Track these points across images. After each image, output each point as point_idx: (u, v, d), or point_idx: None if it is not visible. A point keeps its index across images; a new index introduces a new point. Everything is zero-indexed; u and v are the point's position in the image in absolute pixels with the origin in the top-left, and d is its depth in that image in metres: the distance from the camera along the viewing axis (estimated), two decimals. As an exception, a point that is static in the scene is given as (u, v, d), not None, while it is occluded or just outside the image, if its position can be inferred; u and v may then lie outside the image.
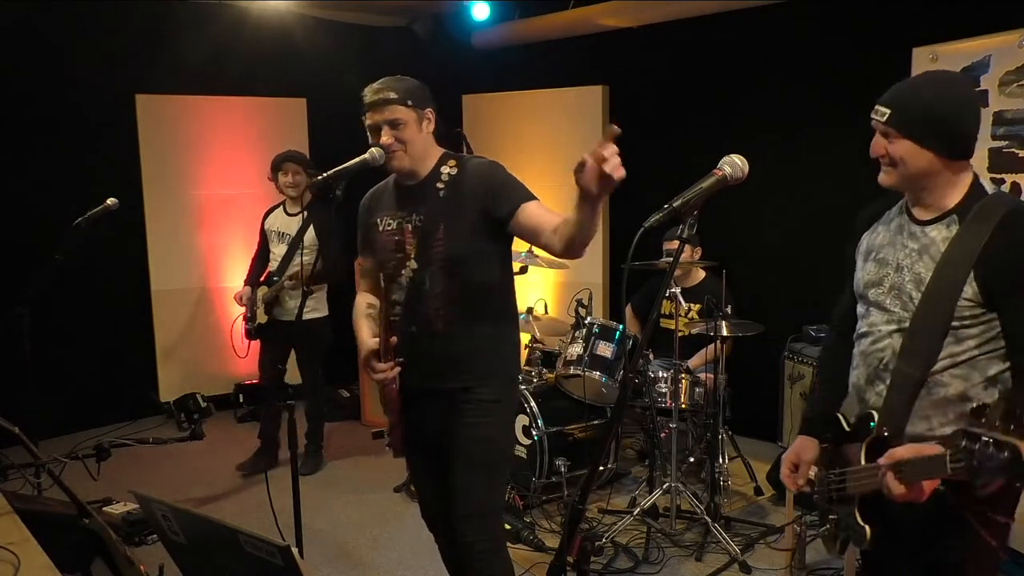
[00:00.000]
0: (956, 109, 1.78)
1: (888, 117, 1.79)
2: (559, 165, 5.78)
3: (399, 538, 3.79)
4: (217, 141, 5.60)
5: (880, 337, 1.89)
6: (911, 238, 1.87)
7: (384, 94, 2.32)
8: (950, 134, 1.77)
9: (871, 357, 1.91)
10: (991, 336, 1.76)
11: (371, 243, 2.50)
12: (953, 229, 1.79)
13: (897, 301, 1.86)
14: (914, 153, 1.78)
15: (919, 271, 1.82)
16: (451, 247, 2.33)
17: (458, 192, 2.35)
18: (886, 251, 1.92)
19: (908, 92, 1.82)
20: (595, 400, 4.13)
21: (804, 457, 2.08)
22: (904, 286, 1.85)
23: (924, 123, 1.76)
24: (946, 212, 1.82)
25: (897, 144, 1.79)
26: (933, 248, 1.81)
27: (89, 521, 2.10)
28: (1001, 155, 3.19)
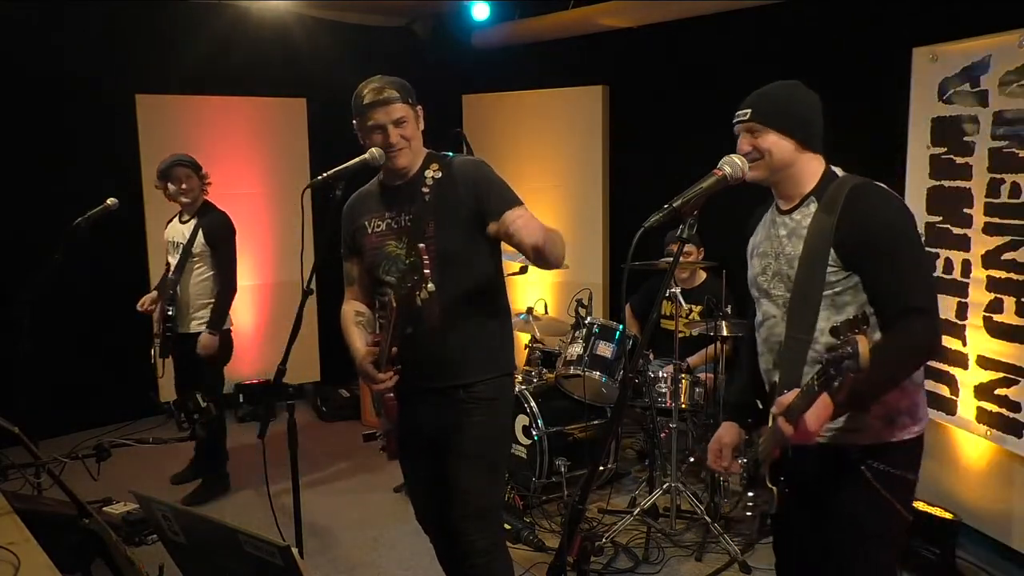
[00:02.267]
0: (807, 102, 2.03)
1: (751, 115, 1.99)
2: (559, 165, 5.81)
3: (399, 538, 3.80)
4: (217, 141, 5.59)
5: (775, 323, 2.06)
6: (780, 227, 2.06)
7: (387, 93, 2.31)
8: (804, 123, 1.99)
9: (771, 342, 2.08)
10: (864, 302, 1.92)
11: (360, 246, 2.49)
12: (812, 208, 1.98)
13: (781, 284, 2.04)
14: (777, 142, 1.96)
15: (790, 251, 2.01)
16: (442, 243, 2.33)
17: (444, 193, 2.35)
18: (764, 245, 2.12)
19: (764, 94, 2.05)
20: (595, 400, 4.13)
21: (724, 440, 2.25)
22: (782, 269, 2.03)
23: (783, 115, 1.98)
24: (805, 196, 2.01)
25: (762, 136, 1.96)
26: (800, 229, 1.99)
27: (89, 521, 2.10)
28: (1001, 155, 3.19)
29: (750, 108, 2.00)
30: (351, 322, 2.51)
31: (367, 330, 2.48)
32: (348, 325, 2.51)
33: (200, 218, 4.22)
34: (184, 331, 4.23)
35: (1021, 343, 3.14)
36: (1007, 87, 3.17)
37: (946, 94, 3.44)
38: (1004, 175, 3.19)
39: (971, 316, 3.34)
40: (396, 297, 2.22)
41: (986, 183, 3.25)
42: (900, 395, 1.92)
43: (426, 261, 2.25)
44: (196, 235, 4.18)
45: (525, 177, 5.55)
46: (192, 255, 4.18)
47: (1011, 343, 3.18)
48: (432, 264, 2.25)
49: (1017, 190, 3.13)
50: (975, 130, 3.30)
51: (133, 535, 3.65)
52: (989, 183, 3.24)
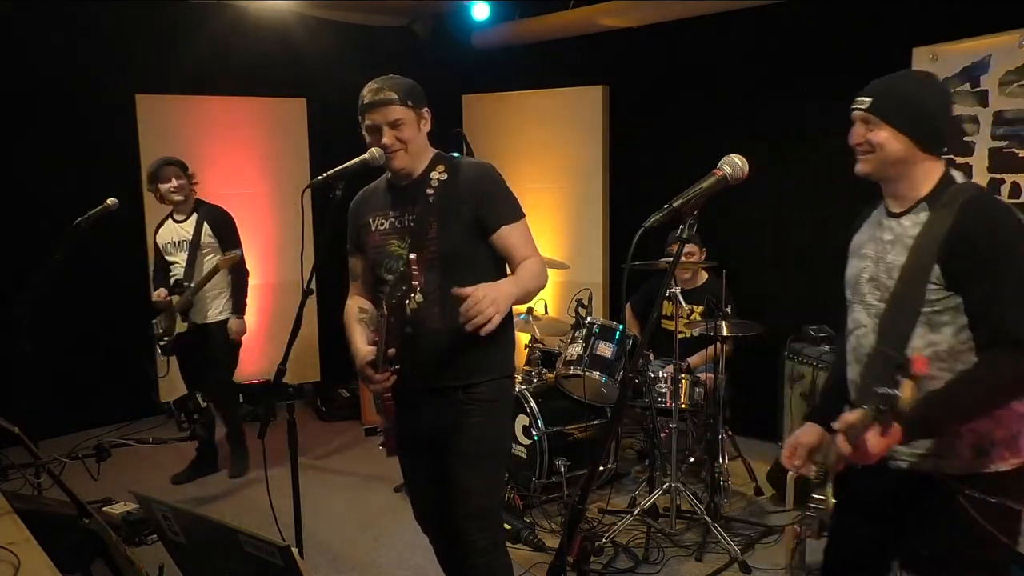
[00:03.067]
0: (933, 102, 1.87)
1: (869, 105, 1.87)
2: (559, 165, 5.81)
3: (399, 538, 3.79)
4: (217, 141, 5.60)
5: (865, 332, 1.95)
6: (886, 230, 1.94)
7: (385, 94, 2.31)
8: (927, 124, 1.85)
9: (859, 352, 1.97)
10: (964, 324, 1.80)
11: (363, 243, 2.49)
12: (923, 216, 1.86)
13: (876, 292, 1.92)
14: (892, 139, 1.84)
15: (891, 260, 1.89)
16: (444, 245, 2.33)
17: (448, 196, 2.35)
18: (866, 247, 2.00)
19: (889, 83, 1.91)
20: (595, 400, 4.13)
21: (801, 439, 2.13)
22: (879, 276, 1.92)
23: (903, 110, 1.84)
24: (917, 202, 1.88)
25: (877, 131, 1.86)
26: (905, 237, 1.87)
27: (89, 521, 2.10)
28: (1001, 155, 3.19)
29: (871, 97, 1.88)
30: (354, 319, 2.51)
31: (369, 327, 2.48)
32: (351, 322, 2.51)
33: (199, 213, 4.36)
34: (201, 322, 4.37)
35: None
36: (1007, 87, 3.17)
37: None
38: (1004, 175, 3.19)
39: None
40: (387, 305, 2.24)
41: (986, 183, 3.26)
42: (994, 425, 1.80)
43: (415, 272, 2.26)
44: (201, 229, 4.32)
45: (525, 177, 5.55)
46: (201, 249, 4.31)
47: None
48: (422, 274, 2.27)
49: (1017, 190, 3.14)
50: (975, 130, 3.30)
51: (133, 535, 3.64)
52: (989, 183, 3.25)
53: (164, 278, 4.46)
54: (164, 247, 4.44)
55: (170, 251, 4.42)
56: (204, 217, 4.36)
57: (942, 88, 1.96)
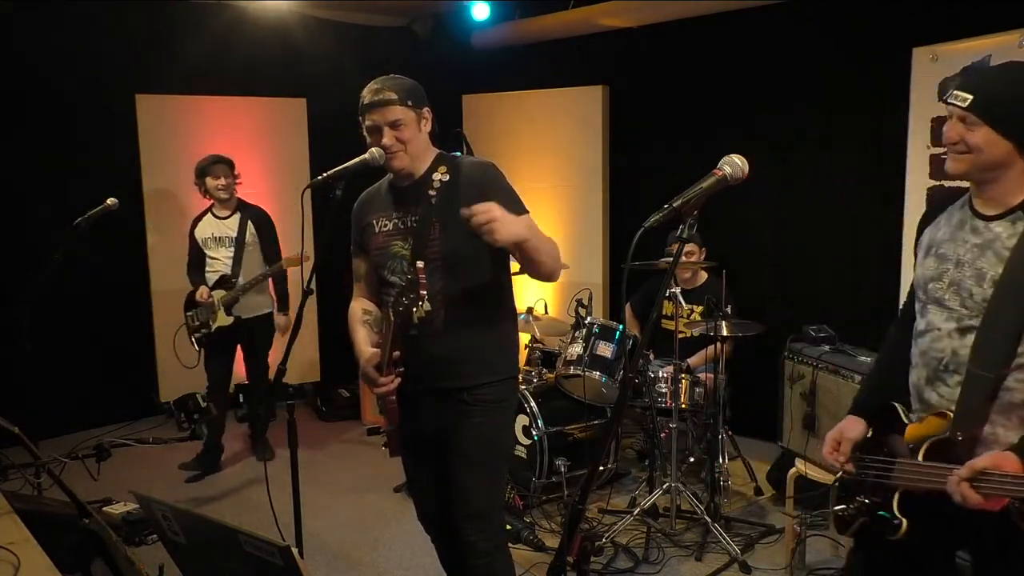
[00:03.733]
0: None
1: (970, 103, 1.75)
2: (559, 165, 5.81)
3: (399, 538, 3.80)
4: (217, 141, 5.58)
5: (939, 336, 1.86)
6: (973, 233, 1.83)
7: (384, 95, 2.31)
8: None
9: (929, 356, 1.88)
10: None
11: (367, 245, 2.49)
12: (1020, 226, 1.75)
13: (956, 297, 1.82)
14: (993, 142, 1.74)
15: (981, 266, 1.78)
16: (447, 246, 2.33)
17: (450, 197, 2.35)
18: (946, 246, 1.88)
19: (992, 79, 1.79)
20: (595, 400, 4.13)
21: (847, 435, 2.04)
22: (964, 282, 1.81)
23: (1008, 111, 1.73)
24: (1012, 208, 1.77)
25: (976, 131, 1.75)
26: (997, 243, 1.77)
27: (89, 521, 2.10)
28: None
29: (971, 94, 1.76)
30: (358, 321, 2.50)
31: (373, 329, 2.48)
32: (354, 324, 2.50)
33: (243, 212, 4.58)
34: (247, 316, 4.56)
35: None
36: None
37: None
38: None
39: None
40: (394, 312, 2.22)
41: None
42: None
43: (423, 281, 2.26)
44: (246, 227, 4.54)
45: (525, 177, 5.54)
46: (246, 247, 4.53)
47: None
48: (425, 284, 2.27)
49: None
50: (975, 130, 3.30)
51: (133, 535, 3.65)
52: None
53: (200, 272, 4.60)
54: (204, 241, 4.57)
55: (210, 245, 4.56)
56: (249, 216, 4.56)
57: None
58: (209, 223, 4.59)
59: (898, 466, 1.88)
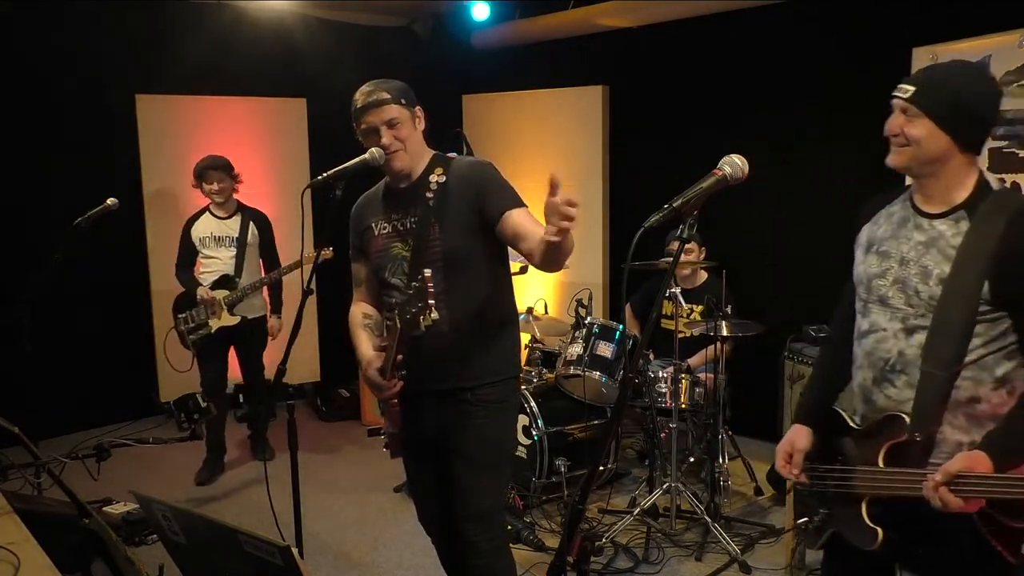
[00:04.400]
0: (982, 99, 1.76)
1: (912, 94, 1.75)
2: (559, 165, 5.80)
3: (399, 538, 3.80)
4: (217, 141, 5.58)
5: (884, 337, 1.84)
6: (917, 230, 1.82)
7: (378, 95, 2.31)
8: (971, 122, 1.75)
9: (875, 357, 1.87)
10: (995, 335, 1.73)
11: (366, 248, 2.49)
12: (963, 225, 1.75)
13: (902, 295, 1.81)
14: (932, 135, 1.73)
15: (927, 264, 1.77)
16: (447, 245, 2.33)
17: (448, 197, 2.35)
18: (889, 244, 1.87)
19: (935, 73, 1.80)
20: (595, 400, 4.13)
21: (798, 446, 2.04)
22: (910, 280, 1.80)
23: (948, 105, 1.72)
24: (955, 207, 1.77)
25: (916, 123, 1.74)
26: (942, 241, 1.76)
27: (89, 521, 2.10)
28: (1001, 155, 3.19)
29: (914, 86, 1.76)
30: (359, 325, 2.50)
31: (375, 333, 2.48)
32: (355, 328, 2.50)
33: (243, 214, 4.58)
34: (250, 316, 4.56)
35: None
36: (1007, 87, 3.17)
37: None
38: (1004, 175, 3.19)
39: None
40: (400, 320, 2.20)
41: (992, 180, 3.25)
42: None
43: (431, 290, 2.25)
44: (247, 229, 4.54)
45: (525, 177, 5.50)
46: (248, 247, 4.54)
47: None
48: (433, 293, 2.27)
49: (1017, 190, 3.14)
50: (975, 130, 3.30)
51: (133, 535, 3.65)
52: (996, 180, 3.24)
53: (191, 273, 4.57)
54: (202, 240, 4.53)
55: (208, 245, 4.52)
56: (250, 218, 4.57)
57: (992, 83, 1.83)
58: (208, 223, 4.55)
59: (859, 474, 1.85)
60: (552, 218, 1.87)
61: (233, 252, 4.52)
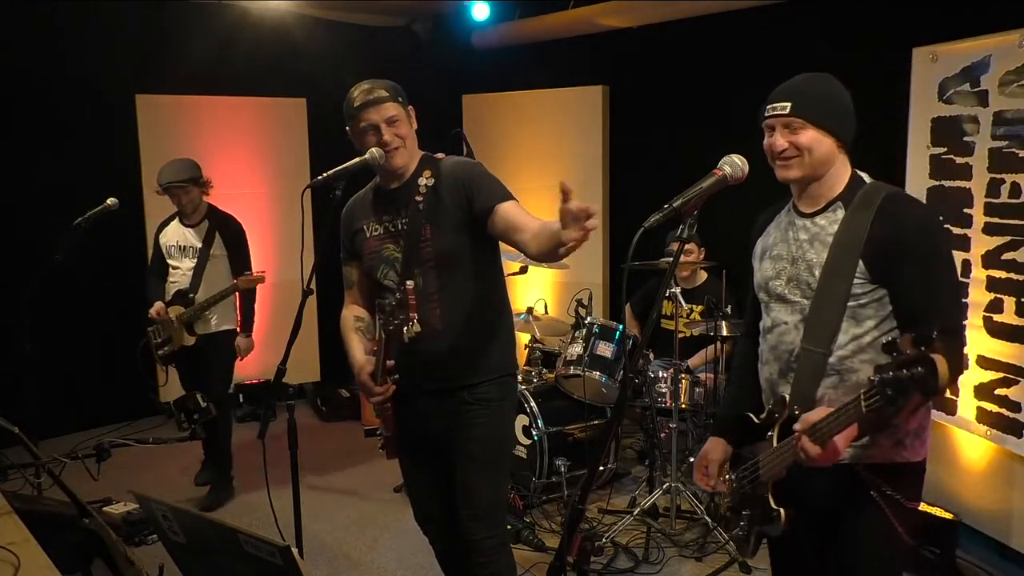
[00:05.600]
0: (844, 100, 1.92)
1: (792, 108, 1.87)
2: (559, 165, 5.80)
3: (399, 538, 3.80)
4: (217, 141, 5.60)
5: (786, 330, 1.93)
6: (801, 230, 1.94)
7: (377, 93, 2.31)
8: (845, 122, 1.89)
9: (780, 350, 1.95)
10: (886, 315, 1.82)
11: (359, 250, 2.49)
12: (839, 214, 1.86)
13: (797, 290, 1.91)
14: (818, 139, 1.85)
15: (811, 258, 1.89)
16: (439, 245, 2.33)
17: (438, 199, 2.35)
18: (779, 247, 1.99)
19: (801, 86, 1.93)
20: (595, 400, 4.13)
21: (711, 456, 2.11)
22: (801, 275, 1.90)
23: (826, 110, 1.87)
24: (831, 201, 1.89)
25: (803, 133, 1.85)
26: (823, 234, 1.87)
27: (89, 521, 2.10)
28: (1001, 155, 3.19)
29: (790, 101, 1.89)
30: (350, 329, 2.50)
31: (366, 336, 2.48)
32: (347, 332, 2.51)
33: (211, 222, 4.18)
34: (204, 332, 4.17)
35: (1021, 343, 3.14)
36: (1007, 87, 3.17)
37: (946, 94, 3.44)
38: (1004, 175, 3.19)
39: (971, 316, 3.34)
40: (384, 331, 2.21)
41: (986, 183, 3.25)
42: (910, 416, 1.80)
43: (412, 302, 2.26)
44: (213, 238, 4.15)
45: (525, 177, 5.54)
46: (210, 259, 4.15)
47: (1011, 343, 3.18)
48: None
49: (1017, 190, 3.13)
50: (975, 130, 3.30)
51: (133, 535, 3.65)
52: (989, 183, 3.24)
53: (159, 283, 4.26)
54: (167, 248, 4.23)
55: (173, 254, 4.22)
56: (217, 227, 4.17)
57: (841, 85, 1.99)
58: (174, 230, 4.23)
59: (761, 462, 1.93)
60: (571, 225, 1.86)
61: (193, 264, 4.15)
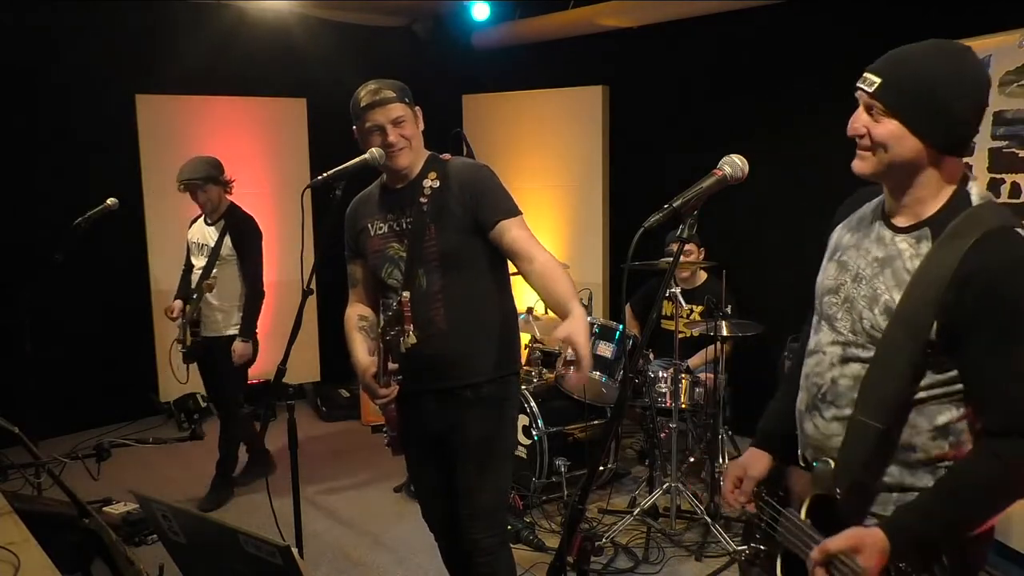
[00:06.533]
0: (962, 90, 1.43)
1: (878, 87, 1.47)
2: (559, 165, 5.81)
3: (399, 538, 3.79)
4: (217, 141, 5.58)
5: (822, 360, 1.64)
6: (878, 243, 1.57)
7: (384, 94, 2.31)
8: (950, 122, 1.44)
9: (811, 381, 1.66)
10: (942, 379, 1.46)
11: (363, 248, 2.49)
12: (924, 246, 1.48)
13: (847, 317, 1.58)
14: (901, 137, 1.45)
15: (877, 287, 1.52)
16: (443, 245, 2.33)
17: (442, 201, 2.35)
18: (850, 253, 1.63)
19: (907, 61, 1.48)
20: (595, 400, 4.13)
21: (751, 472, 1.80)
22: (857, 301, 1.56)
23: (921, 102, 1.43)
24: (920, 222, 1.50)
25: (883, 124, 1.47)
26: (898, 262, 1.51)
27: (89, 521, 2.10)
28: (1001, 155, 3.19)
29: (880, 78, 1.46)
30: (354, 328, 2.50)
31: (370, 335, 2.48)
32: (351, 331, 2.50)
33: (227, 221, 4.15)
34: (210, 334, 4.14)
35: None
36: (1007, 87, 3.17)
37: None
38: (1004, 175, 3.19)
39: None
40: (381, 341, 2.20)
41: (986, 183, 3.25)
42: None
43: (408, 314, 2.27)
44: (224, 238, 4.11)
45: (525, 177, 5.55)
46: (220, 258, 4.11)
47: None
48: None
49: (1017, 190, 3.14)
50: (975, 130, 3.30)
51: (133, 535, 3.65)
52: (989, 183, 3.24)
53: (185, 279, 4.31)
54: (191, 247, 4.28)
55: (194, 252, 4.25)
56: (229, 227, 4.12)
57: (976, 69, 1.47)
58: (198, 228, 4.25)
59: (783, 520, 1.65)
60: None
61: (204, 263, 4.13)
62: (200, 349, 4.19)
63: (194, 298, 4.11)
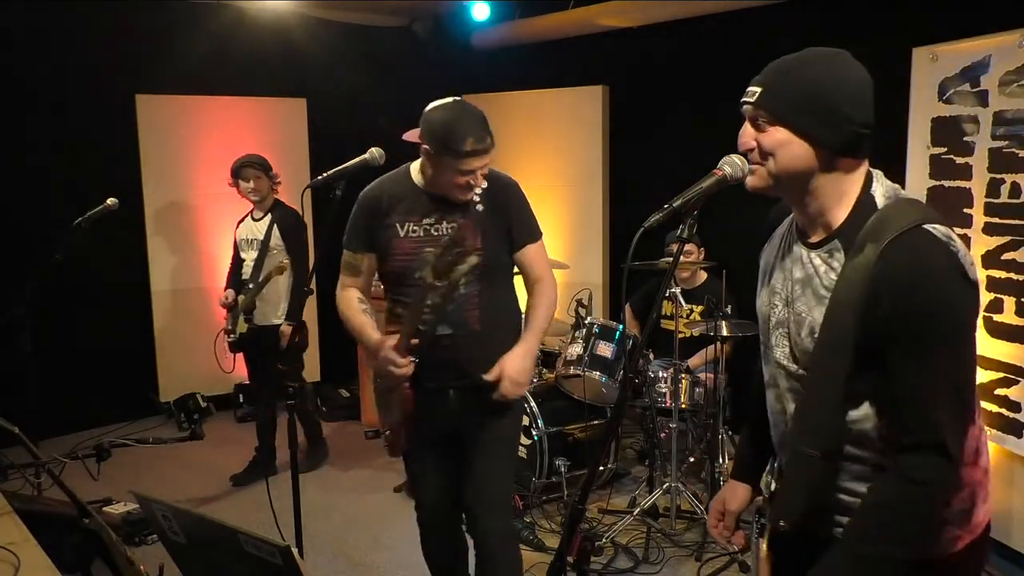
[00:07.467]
0: (846, 88, 1.39)
1: (759, 96, 1.42)
2: (559, 165, 5.81)
3: (399, 538, 3.79)
4: (217, 141, 5.59)
5: (780, 394, 1.57)
6: (797, 263, 1.50)
7: (487, 142, 2.29)
8: (836, 118, 1.37)
9: (776, 419, 1.60)
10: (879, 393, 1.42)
11: (386, 246, 2.44)
12: (838, 259, 1.41)
13: (785, 344, 1.52)
14: (788, 143, 1.39)
15: (800, 310, 1.46)
16: (488, 254, 2.37)
17: (492, 205, 2.42)
18: (776, 276, 1.59)
19: (787, 67, 1.43)
20: (595, 400, 4.13)
21: (730, 506, 1.77)
22: (789, 325, 1.50)
23: (803, 103, 1.38)
24: (830, 235, 1.43)
25: (769, 133, 1.41)
26: (815, 281, 1.44)
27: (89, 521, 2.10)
28: (1001, 155, 3.19)
29: (760, 86, 1.43)
30: (357, 310, 2.48)
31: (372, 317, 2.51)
32: (354, 312, 2.48)
33: (272, 215, 4.39)
34: (264, 323, 4.37)
35: (1021, 343, 3.14)
36: (1007, 87, 3.17)
37: (946, 94, 3.44)
38: (1004, 175, 3.19)
39: (971, 316, 3.32)
40: (432, 272, 2.10)
41: (986, 183, 3.25)
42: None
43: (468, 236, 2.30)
44: (272, 230, 4.35)
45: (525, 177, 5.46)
46: (270, 251, 4.34)
47: (1011, 343, 3.18)
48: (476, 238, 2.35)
49: (1017, 190, 3.13)
50: (975, 130, 3.30)
51: (133, 535, 3.65)
52: (989, 183, 3.24)
53: (236, 275, 4.49)
54: (240, 244, 4.50)
55: (244, 248, 4.46)
56: (276, 219, 4.37)
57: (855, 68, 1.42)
58: (246, 225, 4.49)
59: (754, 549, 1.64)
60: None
61: (255, 256, 4.38)
62: (250, 337, 4.40)
63: (250, 288, 4.31)
